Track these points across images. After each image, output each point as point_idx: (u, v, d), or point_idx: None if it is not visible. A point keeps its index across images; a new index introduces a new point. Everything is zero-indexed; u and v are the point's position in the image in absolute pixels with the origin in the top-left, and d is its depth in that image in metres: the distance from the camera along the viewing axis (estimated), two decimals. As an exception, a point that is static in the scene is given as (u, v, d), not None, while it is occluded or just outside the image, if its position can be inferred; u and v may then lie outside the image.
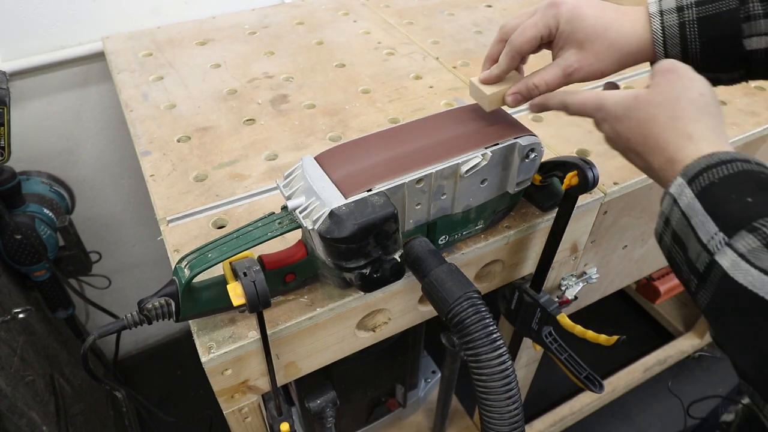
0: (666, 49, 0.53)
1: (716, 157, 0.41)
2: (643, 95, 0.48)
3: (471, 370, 0.53)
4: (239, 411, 0.66)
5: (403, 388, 1.21)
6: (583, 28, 0.54)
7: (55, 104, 1.21)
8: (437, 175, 0.57)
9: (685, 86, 0.47)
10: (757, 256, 0.36)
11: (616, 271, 0.99)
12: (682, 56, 0.53)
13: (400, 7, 1.28)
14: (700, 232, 0.40)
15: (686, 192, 0.42)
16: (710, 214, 0.39)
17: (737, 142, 0.87)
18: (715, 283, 0.38)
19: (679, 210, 0.42)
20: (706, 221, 0.39)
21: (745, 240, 0.37)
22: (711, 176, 0.41)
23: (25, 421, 0.90)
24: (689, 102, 0.46)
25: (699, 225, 0.40)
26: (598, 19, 0.54)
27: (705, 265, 0.39)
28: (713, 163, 0.41)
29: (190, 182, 0.78)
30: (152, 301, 0.53)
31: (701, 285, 0.40)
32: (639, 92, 0.49)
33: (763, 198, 0.38)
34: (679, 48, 0.53)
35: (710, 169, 0.41)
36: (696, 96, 0.46)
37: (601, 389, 0.74)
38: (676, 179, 0.43)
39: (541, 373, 1.16)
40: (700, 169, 0.41)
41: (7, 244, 1.04)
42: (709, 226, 0.39)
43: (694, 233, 0.40)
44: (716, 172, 0.40)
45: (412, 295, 0.70)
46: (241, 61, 1.06)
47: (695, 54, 0.53)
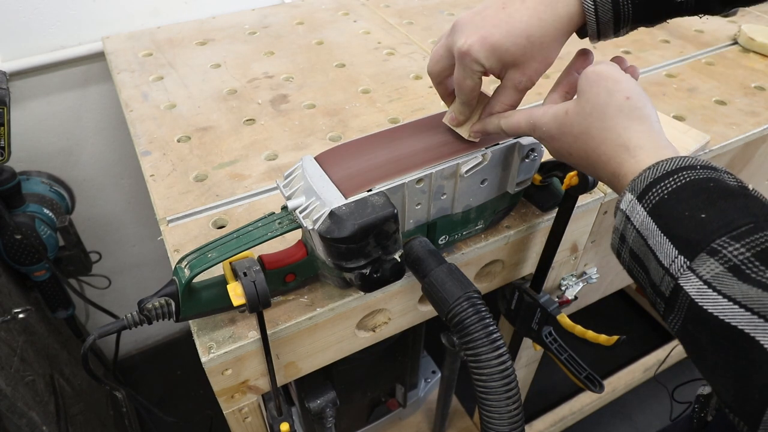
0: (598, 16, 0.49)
1: (660, 169, 0.40)
2: (572, 108, 0.47)
3: (471, 370, 0.53)
4: (239, 411, 0.66)
5: (403, 388, 1.21)
6: (507, 53, 0.50)
7: (55, 104, 1.21)
8: (437, 175, 0.57)
9: (610, 90, 0.45)
10: (723, 283, 0.34)
11: (616, 271, 0.99)
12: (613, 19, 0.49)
13: (400, 7, 1.28)
14: (659, 254, 0.38)
15: (638, 209, 0.40)
16: (666, 235, 0.38)
17: (737, 142, 0.87)
18: (684, 309, 0.37)
19: (634, 228, 0.41)
20: (663, 243, 0.38)
21: (706, 265, 0.35)
22: (660, 191, 0.39)
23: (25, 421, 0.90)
24: (617, 109, 0.45)
25: (657, 246, 0.38)
26: (513, 35, 0.49)
27: (670, 290, 0.38)
28: (659, 176, 0.40)
29: (190, 182, 0.78)
30: (152, 301, 0.53)
31: (669, 309, 0.38)
32: (568, 106, 0.47)
33: (715, 212, 0.37)
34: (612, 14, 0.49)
35: (657, 183, 0.40)
36: (622, 100, 0.44)
37: (601, 389, 0.74)
38: (625, 194, 0.42)
39: (541, 373, 1.16)
40: (648, 184, 0.40)
41: (7, 244, 1.04)
42: (667, 249, 0.38)
43: (653, 254, 0.39)
44: (664, 187, 0.39)
45: (412, 295, 0.70)
46: (241, 61, 1.06)
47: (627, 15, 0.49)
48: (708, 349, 0.36)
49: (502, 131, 0.55)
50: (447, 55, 0.55)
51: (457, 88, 0.55)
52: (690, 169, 0.39)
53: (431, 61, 0.57)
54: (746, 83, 1.00)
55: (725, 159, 0.89)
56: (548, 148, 0.51)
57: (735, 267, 0.34)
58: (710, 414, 0.67)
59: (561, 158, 0.51)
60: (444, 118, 0.61)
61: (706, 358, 0.36)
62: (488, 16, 0.51)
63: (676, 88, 0.99)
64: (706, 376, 0.38)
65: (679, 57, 1.09)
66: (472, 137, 0.59)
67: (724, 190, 0.38)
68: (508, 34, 0.49)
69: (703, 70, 1.04)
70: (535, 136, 0.52)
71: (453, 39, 0.53)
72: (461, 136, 0.60)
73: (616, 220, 0.43)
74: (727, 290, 0.34)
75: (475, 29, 0.51)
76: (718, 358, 0.35)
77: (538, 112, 0.50)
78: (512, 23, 0.49)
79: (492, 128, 0.56)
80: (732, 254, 0.34)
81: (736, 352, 0.34)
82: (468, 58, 0.51)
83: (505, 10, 0.50)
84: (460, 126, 0.59)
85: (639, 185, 0.41)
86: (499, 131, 0.55)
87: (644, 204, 0.40)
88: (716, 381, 0.37)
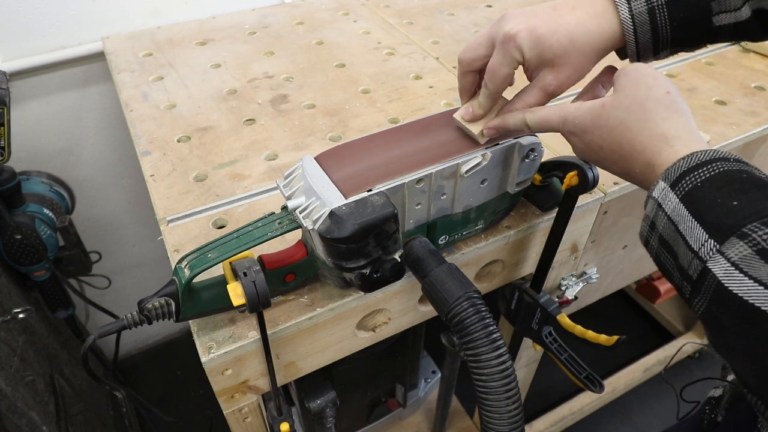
0: (637, 36, 0.52)
1: (695, 159, 0.41)
2: (609, 102, 0.47)
3: (471, 370, 0.53)
4: (239, 411, 0.66)
5: (403, 388, 1.21)
6: (549, 49, 0.52)
7: (55, 104, 1.21)
8: (437, 175, 0.57)
9: (649, 85, 0.46)
10: (750, 265, 0.35)
11: (616, 271, 0.99)
12: (652, 41, 0.52)
13: (400, 7, 1.28)
14: (689, 238, 0.39)
15: (670, 197, 0.41)
16: (698, 220, 0.39)
17: (737, 142, 0.87)
18: (710, 291, 0.38)
19: (665, 215, 0.42)
20: (694, 227, 0.39)
21: (736, 247, 0.36)
22: (693, 180, 0.40)
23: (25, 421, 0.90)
24: (657, 102, 0.46)
25: (687, 231, 0.40)
26: (558, 33, 0.51)
27: (698, 272, 0.39)
28: (693, 165, 0.41)
29: (190, 182, 0.78)
30: (152, 301, 0.53)
31: (696, 292, 0.39)
32: (605, 100, 0.48)
33: (747, 200, 0.38)
34: (650, 35, 0.52)
35: (691, 172, 0.41)
36: (662, 94, 0.46)
37: (601, 389, 0.74)
38: (658, 183, 0.43)
39: (541, 373, 1.16)
40: (682, 173, 0.41)
41: (7, 244, 1.04)
42: (698, 233, 0.39)
43: (683, 239, 0.40)
44: (698, 175, 0.40)
45: (412, 295, 0.70)
46: (241, 61, 1.06)
47: (666, 38, 0.52)
48: (730, 330, 0.37)
49: (526, 126, 0.54)
50: (486, 44, 0.55)
51: (489, 75, 0.55)
52: (723, 160, 0.41)
53: (467, 48, 0.56)
54: (746, 83, 1.00)
55: (725, 159, 0.89)
56: (576, 142, 0.51)
57: (763, 250, 0.35)
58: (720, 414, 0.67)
59: (588, 153, 0.51)
60: (457, 113, 0.60)
61: (728, 338, 0.37)
62: (539, 12, 0.53)
63: (676, 88, 0.99)
64: (726, 358, 0.39)
65: (679, 57, 1.09)
66: (485, 135, 0.58)
67: (756, 181, 0.39)
68: (555, 31, 0.51)
69: (703, 70, 1.04)
70: (564, 130, 0.51)
71: (500, 26, 0.53)
72: (461, 136, 0.60)
73: (647, 208, 0.44)
74: (753, 272, 0.35)
75: (524, 19, 0.52)
76: (740, 338, 0.36)
77: (571, 107, 0.51)
78: (560, 22, 0.52)
79: (514, 122, 0.55)
80: (762, 238, 0.35)
81: (758, 332, 0.35)
82: (512, 44, 0.52)
83: (556, 11, 0.53)
84: (476, 121, 0.58)
85: (673, 174, 0.42)
86: (522, 126, 0.55)
87: (677, 191, 0.41)
88: (736, 362, 0.38)
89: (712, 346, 0.40)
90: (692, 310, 0.41)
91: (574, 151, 0.53)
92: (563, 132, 0.52)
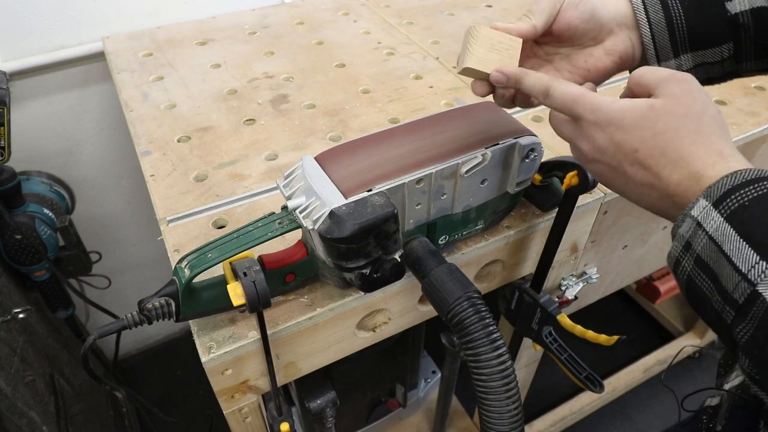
0: (648, 16, 0.51)
1: (740, 177, 0.38)
2: (661, 105, 0.43)
3: (471, 370, 0.53)
4: (239, 411, 0.66)
5: (403, 388, 1.21)
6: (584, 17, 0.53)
7: (55, 104, 1.21)
8: (437, 175, 0.57)
9: (705, 102, 0.43)
10: None
11: (616, 271, 0.99)
12: (666, 23, 0.51)
13: (400, 7, 1.28)
14: (736, 259, 0.36)
15: (713, 216, 0.38)
16: (747, 240, 0.36)
17: (737, 142, 0.87)
18: (758, 317, 0.35)
19: (706, 235, 0.38)
20: (742, 248, 0.36)
21: None
22: (739, 198, 0.37)
23: (25, 421, 0.90)
24: (712, 119, 0.43)
25: (734, 251, 0.36)
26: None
27: (745, 296, 0.35)
28: (738, 183, 0.38)
29: (190, 182, 0.78)
30: (152, 301, 0.53)
31: (740, 318, 0.36)
32: (652, 102, 0.44)
33: None
34: (663, 14, 0.51)
35: (737, 191, 0.38)
36: (716, 113, 0.43)
37: (601, 389, 0.74)
38: (698, 201, 0.39)
39: (541, 373, 1.16)
40: (726, 191, 0.38)
41: (7, 244, 1.03)
42: (747, 254, 0.36)
43: (728, 260, 0.37)
44: (745, 194, 0.37)
45: (412, 295, 0.70)
46: (241, 61, 1.06)
47: (679, 20, 0.51)
48: None
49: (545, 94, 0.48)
50: None
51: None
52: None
53: None
54: (746, 83, 0.99)
55: (725, 159, 0.89)
56: (599, 138, 0.45)
57: None
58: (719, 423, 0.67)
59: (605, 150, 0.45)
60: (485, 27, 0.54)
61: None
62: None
63: (676, 88, 0.99)
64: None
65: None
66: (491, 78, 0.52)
67: None
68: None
69: (703, 70, 1.04)
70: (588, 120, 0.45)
71: None
72: (461, 136, 0.60)
73: (683, 227, 0.40)
74: None
75: None
76: None
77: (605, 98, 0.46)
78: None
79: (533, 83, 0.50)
80: None
81: None
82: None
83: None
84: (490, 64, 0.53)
85: (715, 192, 0.39)
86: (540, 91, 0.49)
87: (721, 210, 0.38)
88: None
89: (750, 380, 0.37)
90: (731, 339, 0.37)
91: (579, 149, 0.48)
92: (584, 121, 0.46)
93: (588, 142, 0.46)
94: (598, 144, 0.45)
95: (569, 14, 0.53)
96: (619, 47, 0.54)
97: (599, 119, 0.45)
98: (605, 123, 0.45)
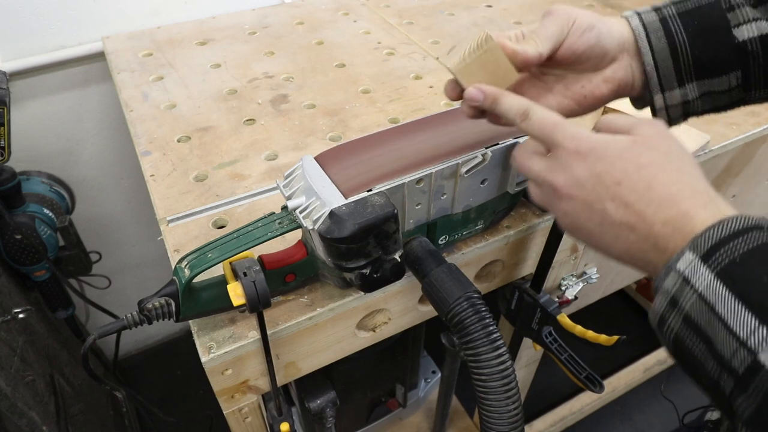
0: (651, 43, 0.49)
1: (728, 228, 0.35)
2: (642, 140, 0.41)
3: (471, 370, 0.53)
4: (239, 411, 0.66)
5: (403, 388, 1.21)
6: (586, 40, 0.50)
7: (55, 104, 1.21)
8: (437, 175, 0.57)
9: (680, 144, 0.41)
10: None
11: (616, 271, 0.99)
12: (670, 50, 0.49)
13: (400, 7, 1.28)
14: (732, 322, 0.33)
15: (702, 271, 0.35)
16: (743, 301, 0.33)
17: (737, 141, 0.87)
18: (764, 390, 0.31)
19: (694, 292, 0.35)
20: (738, 310, 0.33)
21: None
22: (730, 252, 0.34)
23: (25, 421, 0.90)
24: (691, 159, 0.40)
25: (729, 314, 0.33)
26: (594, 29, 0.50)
27: (746, 365, 0.32)
28: (727, 235, 0.35)
29: (190, 182, 0.78)
30: (152, 301, 0.53)
31: (741, 389, 0.33)
32: (635, 137, 0.41)
33: None
34: (666, 41, 0.49)
35: (726, 243, 0.35)
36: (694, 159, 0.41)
37: (601, 389, 0.74)
38: (684, 254, 0.36)
39: (541, 373, 1.16)
40: (715, 244, 0.35)
41: (7, 244, 1.04)
42: (744, 317, 0.32)
43: (723, 323, 0.33)
44: (735, 248, 0.34)
45: (412, 295, 0.70)
46: (241, 61, 1.06)
47: (684, 47, 0.49)
48: None
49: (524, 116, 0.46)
50: None
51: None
52: (757, 229, 0.35)
53: None
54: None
55: (725, 159, 0.89)
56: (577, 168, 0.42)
57: None
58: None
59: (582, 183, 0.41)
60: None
61: None
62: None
63: (676, 88, 0.99)
64: None
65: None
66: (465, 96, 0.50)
67: None
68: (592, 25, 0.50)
69: (703, 70, 1.04)
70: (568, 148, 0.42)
71: None
72: (461, 136, 0.60)
73: (668, 281, 0.37)
74: None
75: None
76: None
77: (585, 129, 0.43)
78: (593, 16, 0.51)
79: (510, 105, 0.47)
80: None
81: None
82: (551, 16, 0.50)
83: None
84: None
85: (703, 244, 0.35)
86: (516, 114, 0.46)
87: (711, 265, 0.35)
88: None
89: None
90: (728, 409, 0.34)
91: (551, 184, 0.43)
92: (562, 150, 0.43)
93: (564, 174, 0.43)
94: (576, 175, 0.42)
95: (574, 41, 0.50)
96: (618, 75, 0.52)
97: (580, 147, 0.42)
98: (587, 151, 0.41)
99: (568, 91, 0.53)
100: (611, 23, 0.51)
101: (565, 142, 0.42)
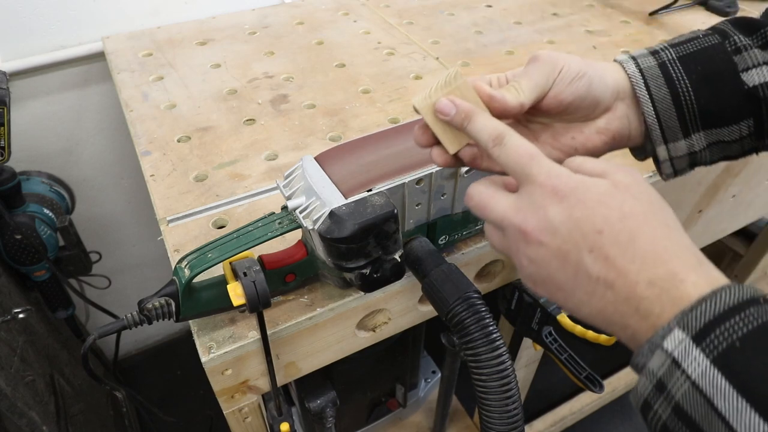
0: (650, 91, 0.45)
1: (722, 303, 0.31)
2: (624, 186, 0.36)
3: (471, 370, 0.53)
4: (239, 411, 0.66)
5: (403, 388, 1.21)
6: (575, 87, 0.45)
7: (55, 104, 1.21)
8: (437, 175, 0.57)
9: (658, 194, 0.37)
10: None
11: (616, 271, 0.99)
12: (672, 99, 0.45)
13: (400, 7, 1.28)
14: (734, 421, 0.28)
15: (695, 355, 0.30)
16: (747, 398, 0.28)
17: (737, 142, 0.86)
18: None
19: (687, 379, 0.30)
20: (741, 407, 0.28)
21: None
22: (727, 335, 0.30)
23: (25, 421, 0.90)
24: (672, 214, 0.36)
25: (731, 411, 0.29)
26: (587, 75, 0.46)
27: None
28: (722, 312, 0.30)
29: (190, 182, 0.78)
30: (152, 301, 0.53)
31: None
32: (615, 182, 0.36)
33: None
34: (667, 89, 0.45)
35: (722, 322, 0.30)
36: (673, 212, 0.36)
37: (601, 389, 0.74)
38: (672, 332, 0.31)
39: (541, 373, 1.16)
40: (709, 322, 0.30)
41: (7, 244, 1.04)
42: (749, 416, 0.28)
43: (722, 420, 0.29)
44: (731, 329, 0.30)
45: (412, 295, 0.70)
46: (241, 61, 1.06)
47: (688, 95, 0.44)
48: None
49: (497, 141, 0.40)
50: None
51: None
52: (754, 303, 0.31)
53: None
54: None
55: (725, 159, 0.89)
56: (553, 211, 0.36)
57: None
58: None
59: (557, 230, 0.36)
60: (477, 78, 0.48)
61: None
62: None
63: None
64: None
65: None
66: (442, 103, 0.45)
67: None
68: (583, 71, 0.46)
69: (703, 70, 1.04)
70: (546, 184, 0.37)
71: None
72: None
73: (653, 362, 0.32)
74: None
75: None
76: None
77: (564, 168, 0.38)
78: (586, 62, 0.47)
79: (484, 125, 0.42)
80: None
81: None
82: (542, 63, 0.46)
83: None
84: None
85: (694, 322, 0.31)
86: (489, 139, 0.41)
87: (705, 349, 0.30)
88: None
89: None
90: None
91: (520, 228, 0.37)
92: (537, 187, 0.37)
93: (536, 216, 0.36)
94: (551, 218, 0.36)
95: (561, 90, 0.45)
96: (613, 126, 0.47)
97: (559, 187, 0.36)
98: (566, 192, 0.36)
99: (556, 142, 0.48)
100: (604, 69, 0.47)
101: (540, 178, 0.37)
